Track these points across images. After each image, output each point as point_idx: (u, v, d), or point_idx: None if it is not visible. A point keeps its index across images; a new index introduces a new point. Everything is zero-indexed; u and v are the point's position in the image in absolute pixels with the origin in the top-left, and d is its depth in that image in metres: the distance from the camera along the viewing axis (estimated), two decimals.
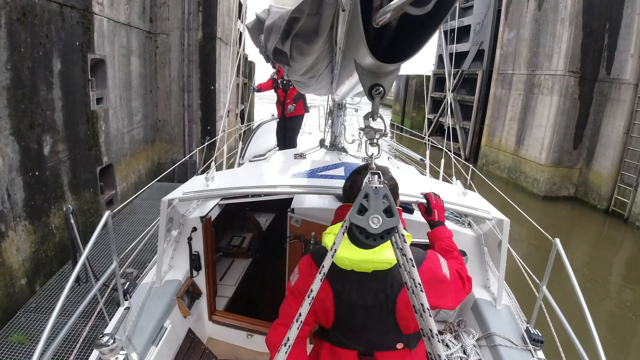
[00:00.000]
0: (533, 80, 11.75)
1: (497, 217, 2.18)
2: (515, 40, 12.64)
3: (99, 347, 1.66)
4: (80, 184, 5.38)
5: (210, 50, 8.65)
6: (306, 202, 2.73)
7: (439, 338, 1.00)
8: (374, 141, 1.15)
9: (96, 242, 1.87)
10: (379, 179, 1.06)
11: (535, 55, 11.72)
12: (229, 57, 10.65)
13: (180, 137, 8.70)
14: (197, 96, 8.67)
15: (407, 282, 1.06)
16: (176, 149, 8.76)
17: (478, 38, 16.28)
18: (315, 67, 1.71)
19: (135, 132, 7.41)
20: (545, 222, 8.62)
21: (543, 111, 11.24)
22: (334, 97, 3.07)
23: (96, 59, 5.74)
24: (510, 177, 12.54)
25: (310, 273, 1.36)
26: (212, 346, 2.74)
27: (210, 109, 8.95)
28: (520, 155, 12.24)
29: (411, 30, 0.93)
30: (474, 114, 15.56)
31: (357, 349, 1.39)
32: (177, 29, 8.17)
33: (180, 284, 2.53)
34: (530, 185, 11.63)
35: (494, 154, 13.70)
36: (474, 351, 2.12)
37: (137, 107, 7.41)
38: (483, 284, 2.53)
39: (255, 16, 1.61)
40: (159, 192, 6.90)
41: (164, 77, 8.36)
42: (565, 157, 11.01)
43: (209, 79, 8.73)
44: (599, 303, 6.47)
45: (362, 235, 1.04)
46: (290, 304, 1.41)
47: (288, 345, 0.97)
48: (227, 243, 3.92)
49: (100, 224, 1.93)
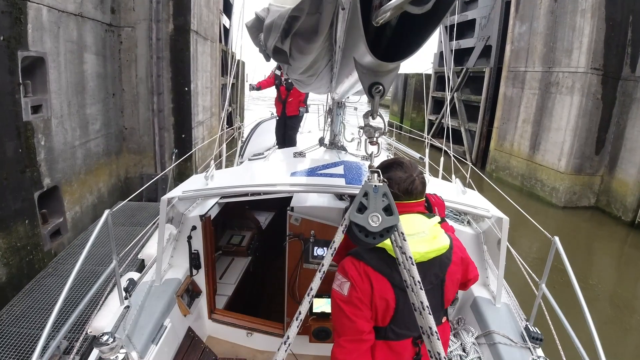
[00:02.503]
0: (550, 78, 10.46)
1: (497, 216, 2.18)
2: (528, 34, 11.37)
3: (99, 345, 1.66)
4: (9, 216, 4.16)
5: (184, 45, 7.42)
6: (306, 200, 2.73)
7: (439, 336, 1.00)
8: (374, 139, 1.15)
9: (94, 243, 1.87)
10: (378, 177, 1.06)
11: (551, 51, 10.44)
12: (210, 54, 9.61)
13: (150, 147, 7.42)
14: (168, 99, 7.40)
15: (407, 281, 1.06)
16: (146, 160, 7.47)
17: (484, 33, 14.95)
18: (314, 65, 1.71)
19: (93, 144, 6.13)
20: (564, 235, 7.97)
21: (562, 113, 10.01)
22: (334, 95, 3.07)
23: (31, 58, 4.58)
24: (524, 185, 11.25)
25: (360, 274, 1.32)
26: (212, 344, 2.74)
27: (184, 114, 7.70)
28: (535, 161, 10.89)
29: (411, 28, 0.93)
30: (481, 115, 14.18)
31: (411, 336, 1.40)
32: (144, 21, 6.90)
33: (180, 282, 2.53)
34: (548, 194, 10.32)
35: (504, 159, 12.33)
36: (474, 349, 2.12)
37: (95, 114, 6.13)
38: (482, 282, 2.53)
39: (255, 15, 1.61)
40: (126, 213, 6.07)
41: (130, 77, 7.13)
42: (586, 163, 9.75)
43: (182, 78, 7.50)
44: (627, 333, 5.57)
45: (361, 233, 1.04)
46: (350, 317, 1.32)
47: (288, 344, 0.97)
48: (227, 242, 3.92)
49: (100, 224, 1.93)
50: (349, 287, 1.32)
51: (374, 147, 1.15)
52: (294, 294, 2.70)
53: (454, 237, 1.53)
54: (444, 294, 1.43)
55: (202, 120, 9.21)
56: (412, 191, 1.38)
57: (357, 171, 2.40)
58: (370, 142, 1.15)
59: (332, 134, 3.76)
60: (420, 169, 1.46)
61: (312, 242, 2.59)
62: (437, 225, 1.42)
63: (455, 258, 1.45)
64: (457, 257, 1.46)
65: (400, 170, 1.39)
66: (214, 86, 10.77)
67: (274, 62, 2.16)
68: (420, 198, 1.43)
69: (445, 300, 1.45)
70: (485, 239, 2.65)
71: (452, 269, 1.43)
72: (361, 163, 2.76)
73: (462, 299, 2.57)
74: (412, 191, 1.38)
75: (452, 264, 1.42)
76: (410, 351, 1.41)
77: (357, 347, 1.32)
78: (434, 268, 1.38)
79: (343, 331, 1.34)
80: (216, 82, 11.08)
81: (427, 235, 1.35)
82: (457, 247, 1.49)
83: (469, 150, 14.88)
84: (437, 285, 1.40)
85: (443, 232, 1.44)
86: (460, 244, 1.54)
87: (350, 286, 1.32)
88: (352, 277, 1.33)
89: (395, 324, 1.37)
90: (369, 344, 1.34)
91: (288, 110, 5.74)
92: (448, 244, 1.41)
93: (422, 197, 1.45)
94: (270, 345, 2.79)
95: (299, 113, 5.77)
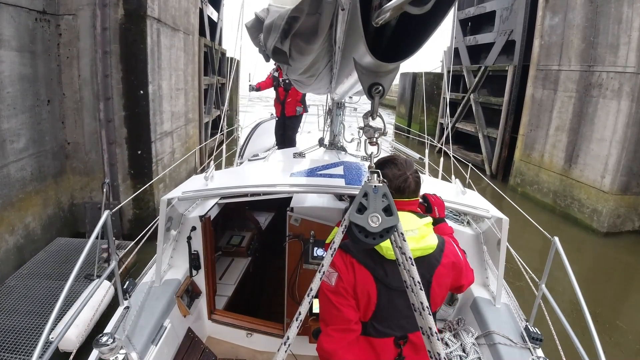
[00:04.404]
0: (590, 78, 8.70)
1: (496, 216, 2.18)
2: (562, 27, 9.54)
3: (99, 346, 1.66)
4: None
5: (138, 35, 5.73)
6: (305, 201, 2.73)
7: (439, 336, 1.00)
8: (374, 140, 1.15)
9: None
10: (378, 178, 1.06)
11: (592, 47, 8.67)
12: (184, 49, 7.97)
13: (100, 167, 5.83)
14: (119, 106, 5.76)
15: (407, 281, 1.06)
16: (95, 183, 5.88)
17: (506, 26, 12.96)
18: (314, 66, 1.71)
19: (14, 168, 4.68)
20: (605, 266, 6.96)
21: (606, 121, 8.28)
22: (333, 96, 3.07)
23: None
24: (558, 204, 9.43)
25: (346, 265, 1.36)
26: (212, 345, 2.74)
27: (140, 124, 6.00)
28: (572, 176, 9.07)
29: (410, 29, 0.93)
30: (503, 119, 12.19)
31: (393, 335, 1.40)
32: (87, 6, 5.40)
33: (180, 283, 2.53)
34: (588, 217, 8.50)
35: (532, 172, 10.47)
36: (473, 349, 2.12)
37: (16, 129, 4.67)
38: (482, 282, 2.53)
39: (255, 15, 1.61)
40: (69, 250, 4.89)
41: (71, 78, 5.56)
42: (633, 181, 8.12)
43: (136, 79, 5.83)
44: None
45: (361, 234, 1.04)
46: (337, 307, 1.34)
47: (288, 344, 0.97)
48: (227, 242, 3.92)
49: (99, 224, 1.93)
50: (336, 278, 1.36)
51: (374, 147, 1.15)
52: (294, 294, 2.70)
53: (449, 241, 1.52)
54: (430, 297, 1.41)
55: (170, 130, 7.25)
56: (404, 189, 1.39)
57: (357, 172, 2.40)
58: (370, 143, 1.16)
59: (331, 135, 3.76)
60: (420, 169, 1.47)
61: (312, 242, 2.59)
62: (428, 225, 1.41)
63: (446, 261, 1.43)
64: (448, 260, 1.44)
65: (394, 167, 1.40)
66: (191, 87, 8.91)
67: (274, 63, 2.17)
68: (413, 197, 1.42)
69: (432, 304, 1.42)
70: (485, 239, 2.65)
71: (441, 271, 1.41)
72: (361, 163, 2.76)
73: (462, 299, 2.57)
74: (404, 189, 1.39)
75: (440, 266, 1.41)
76: (391, 351, 1.41)
77: (344, 337, 1.34)
78: (421, 268, 1.35)
79: (331, 320, 1.36)
80: (194, 82, 9.21)
81: (416, 234, 1.36)
82: (450, 252, 1.47)
83: (488, 160, 12.81)
84: (422, 286, 1.39)
85: (433, 233, 1.43)
86: (454, 249, 1.51)
87: (337, 276, 1.36)
88: (338, 267, 1.37)
89: (377, 320, 1.39)
90: (356, 333, 1.36)
91: (287, 111, 5.75)
92: (435, 245, 1.40)
93: (415, 196, 1.44)
94: (270, 345, 2.79)
95: (297, 113, 5.78)
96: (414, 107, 20.01)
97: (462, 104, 14.48)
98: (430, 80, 18.43)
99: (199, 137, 9.86)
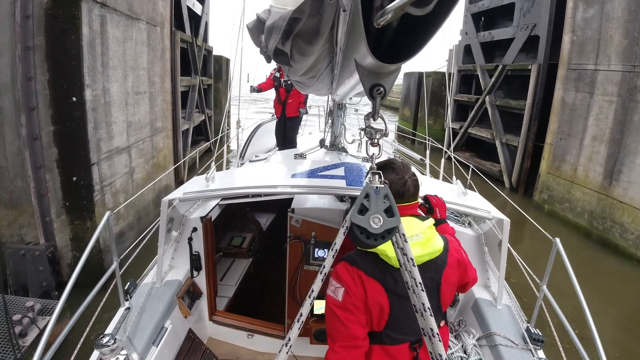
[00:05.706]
0: (636, 80, 7.31)
1: (497, 217, 2.18)
2: (599, 20, 8.08)
3: (100, 347, 1.66)
4: None
5: (70, 24, 4.26)
6: (306, 202, 2.74)
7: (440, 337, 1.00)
8: (375, 141, 1.15)
9: None
10: (379, 179, 1.06)
11: (636, 43, 7.37)
12: (148, 44, 6.44)
13: (27, 198, 4.37)
14: (46, 118, 4.30)
15: (408, 282, 1.06)
16: (24, 218, 4.42)
17: (527, 20, 11.35)
18: (315, 67, 1.72)
19: None
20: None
21: None
22: (334, 97, 3.07)
23: None
24: (595, 227, 7.85)
25: (353, 278, 1.32)
26: (213, 346, 2.74)
27: (74, 141, 4.52)
28: (612, 195, 7.54)
29: (412, 30, 0.93)
30: (526, 126, 10.56)
31: (408, 340, 1.39)
32: None
33: (181, 284, 2.53)
34: (632, 245, 7.00)
35: (563, 187, 8.84)
36: (475, 351, 2.12)
37: None
38: (483, 283, 2.53)
39: (256, 16, 1.62)
40: None
41: None
42: None
43: (67, 82, 4.36)
44: None
45: (362, 235, 1.04)
46: (344, 323, 1.31)
47: (289, 346, 0.97)
48: (228, 243, 3.92)
49: (100, 224, 1.93)
50: (343, 293, 1.32)
51: (375, 148, 1.15)
52: (295, 295, 2.70)
53: (451, 239, 1.53)
54: (441, 298, 1.42)
55: (125, 145, 5.72)
56: (403, 193, 1.38)
57: (358, 173, 2.40)
58: (371, 144, 1.16)
59: (332, 136, 3.76)
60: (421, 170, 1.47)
61: (313, 243, 2.59)
62: (431, 228, 1.41)
63: (451, 260, 1.43)
64: (453, 259, 1.45)
65: (392, 172, 1.39)
66: (160, 90, 7.27)
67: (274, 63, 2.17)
68: (412, 200, 1.42)
69: (442, 304, 1.44)
70: (486, 240, 2.65)
71: (448, 271, 1.42)
72: (362, 164, 2.76)
73: (463, 300, 2.57)
74: (403, 193, 1.38)
75: (447, 267, 1.41)
76: (407, 356, 1.40)
77: (351, 354, 1.31)
78: (429, 271, 1.37)
79: (337, 337, 1.33)
80: (164, 83, 7.56)
81: (421, 238, 1.35)
82: (454, 250, 1.48)
83: (507, 171, 11.11)
84: (432, 289, 1.39)
85: (437, 235, 1.43)
86: (457, 247, 1.52)
87: (345, 292, 1.31)
88: (345, 282, 1.32)
89: (391, 328, 1.37)
90: (363, 350, 1.34)
91: (288, 112, 5.76)
92: (442, 247, 1.40)
93: (415, 199, 1.44)
94: (271, 347, 2.79)
95: (298, 114, 5.79)
96: (420, 109, 18.02)
97: (475, 107, 13.00)
98: (437, 81, 16.74)
99: (173, 148, 8.24)
